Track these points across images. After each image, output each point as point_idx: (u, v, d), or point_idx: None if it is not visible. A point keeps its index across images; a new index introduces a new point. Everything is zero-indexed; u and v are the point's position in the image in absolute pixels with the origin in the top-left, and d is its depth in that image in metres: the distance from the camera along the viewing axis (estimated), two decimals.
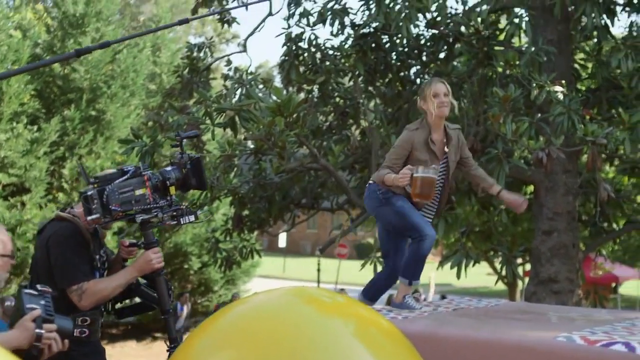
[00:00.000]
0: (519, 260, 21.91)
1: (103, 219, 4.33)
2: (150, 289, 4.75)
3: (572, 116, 8.53)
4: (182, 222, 4.62)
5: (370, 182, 5.75)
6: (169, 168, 4.63)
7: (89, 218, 4.32)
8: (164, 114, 12.15)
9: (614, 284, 28.98)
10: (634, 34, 9.70)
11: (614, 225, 13.58)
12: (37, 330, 3.44)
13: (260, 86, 12.69)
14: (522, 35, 10.50)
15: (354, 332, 3.26)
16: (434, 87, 5.60)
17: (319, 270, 28.21)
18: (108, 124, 19.10)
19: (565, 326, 4.78)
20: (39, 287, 3.65)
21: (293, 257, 52.37)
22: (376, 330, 3.35)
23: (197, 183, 4.66)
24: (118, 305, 4.86)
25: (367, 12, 11.32)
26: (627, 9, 10.89)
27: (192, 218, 4.61)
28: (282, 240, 41.65)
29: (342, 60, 11.12)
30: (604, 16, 10.02)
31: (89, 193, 4.31)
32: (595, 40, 10.93)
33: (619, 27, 61.17)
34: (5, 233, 3.85)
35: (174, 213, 4.57)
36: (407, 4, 10.01)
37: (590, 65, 11.63)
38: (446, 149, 5.58)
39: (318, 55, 11.46)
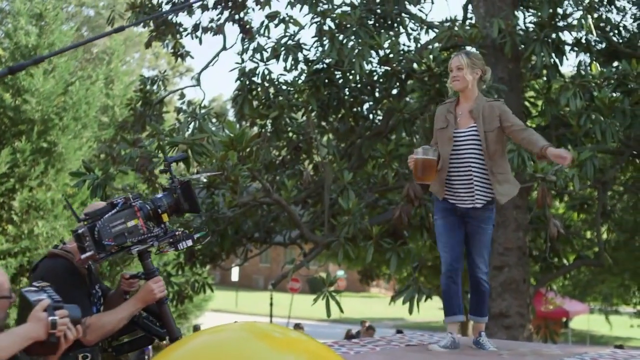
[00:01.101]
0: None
1: (98, 255, 4.24)
2: (152, 322, 4.68)
3: (522, 153, 8.63)
4: (179, 248, 4.55)
5: None
6: (159, 195, 4.57)
7: (83, 256, 4.23)
8: (116, 147, 12.08)
9: (564, 319, 29.20)
10: (582, 73, 9.87)
11: (564, 261, 13.76)
12: (51, 318, 3.40)
13: (214, 120, 12.70)
14: None
15: None
16: (450, 61, 5.69)
17: (271, 304, 28.04)
18: (59, 156, 18.90)
19: None
20: (35, 284, 3.61)
21: (245, 291, 52.03)
22: None
23: (189, 207, 4.59)
24: (115, 343, 4.77)
25: (320, 49, 11.38)
26: (576, 48, 11.10)
27: (189, 242, 4.54)
28: (235, 274, 41.37)
29: (296, 96, 11.16)
30: (553, 55, 10.21)
31: (80, 231, 4.22)
32: (545, 78, 11.11)
33: (568, 66, 62.07)
34: (2, 273, 3.79)
35: (170, 240, 4.50)
36: (360, 40, 10.09)
37: (540, 103, 11.82)
38: (473, 121, 5.55)
39: (271, 90, 11.48)
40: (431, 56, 9.91)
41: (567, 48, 10.95)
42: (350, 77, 11.21)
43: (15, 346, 3.36)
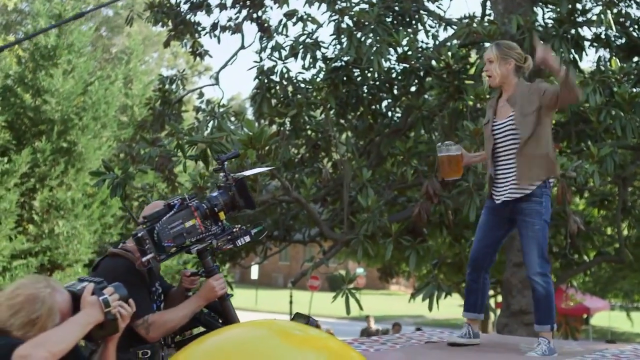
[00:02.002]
0: (491, 292, 22.00)
1: (158, 257, 4.31)
2: (214, 318, 4.72)
3: None
4: (238, 244, 4.59)
5: None
6: (215, 193, 4.58)
7: (144, 259, 4.28)
8: (136, 146, 12.13)
9: (585, 316, 29.07)
10: (602, 68, 9.82)
11: (585, 257, 13.67)
12: (102, 298, 3.45)
13: (232, 119, 12.73)
14: None
15: None
16: (484, 54, 5.60)
17: (291, 302, 28.06)
18: (79, 155, 18.99)
19: (536, 358, 4.80)
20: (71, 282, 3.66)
21: (265, 289, 52.10)
22: None
23: (245, 203, 4.61)
24: (178, 338, 4.81)
25: (338, 46, 11.38)
26: (595, 44, 11.04)
27: (247, 239, 4.57)
28: (255, 272, 41.41)
29: (314, 94, 11.16)
30: (573, 51, 10.16)
31: (140, 234, 4.27)
32: None
33: (587, 61, 61.75)
34: (67, 301, 3.74)
35: (229, 237, 4.53)
36: (378, 38, 10.08)
37: None
38: (512, 109, 5.42)
39: (290, 88, 11.49)
40: (449, 53, 9.90)
41: (587, 44, 10.90)
42: (369, 74, 11.21)
43: (77, 335, 3.38)
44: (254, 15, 13.21)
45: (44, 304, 3.43)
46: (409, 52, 10.37)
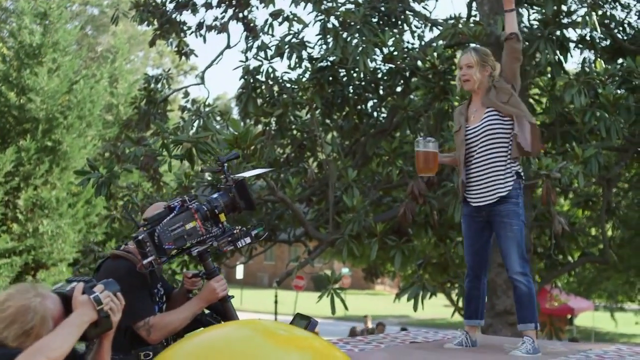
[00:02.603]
0: None
1: (159, 259, 4.28)
2: (215, 319, 4.72)
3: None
4: (238, 246, 4.59)
5: None
6: (215, 195, 4.56)
7: (145, 262, 4.26)
8: (121, 145, 12.11)
9: (569, 316, 29.17)
10: (587, 70, 9.85)
11: (569, 258, 13.73)
12: (93, 295, 3.42)
13: (218, 118, 12.70)
14: None
15: None
16: (460, 57, 5.57)
17: (276, 302, 28.09)
18: (64, 154, 18.94)
19: (520, 358, 4.82)
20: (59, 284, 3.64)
21: (250, 288, 52.05)
22: None
23: (245, 205, 4.60)
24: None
25: (324, 46, 11.38)
26: (580, 45, 11.08)
27: (247, 240, 4.57)
28: (240, 271, 41.38)
29: (300, 94, 11.15)
30: (558, 52, 10.19)
31: (141, 237, 4.25)
32: (549, 75, 11.10)
33: (572, 63, 62.01)
34: (58, 308, 3.71)
35: (229, 238, 4.52)
36: (364, 38, 10.09)
37: (544, 100, 11.80)
38: (486, 109, 5.41)
39: (275, 88, 11.49)
40: (435, 54, 9.91)
41: (572, 45, 10.94)
42: (355, 74, 11.21)
43: (73, 336, 3.36)
44: (240, 15, 13.19)
45: (36, 314, 3.42)
46: (395, 53, 10.38)
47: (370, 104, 12.31)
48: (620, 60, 10.92)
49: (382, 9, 11.46)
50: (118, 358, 4.04)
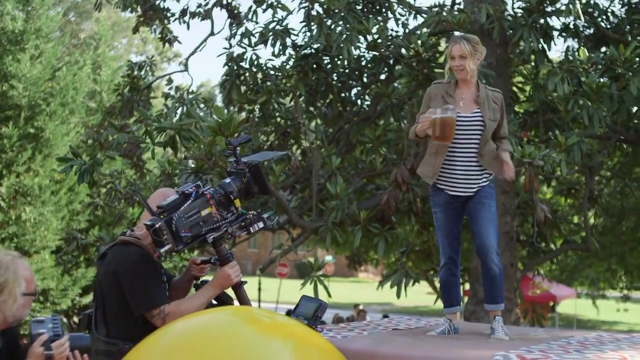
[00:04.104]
0: None
1: (176, 248, 4.22)
2: (226, 304, 4.64)
3: (510, 138, 8.64)
4: (252, 231, 4.55)
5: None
6: (228, 180, 4.50)
7: (162, 250, 4.20)
8: (104, 132, 12.06)
9: (552, 303, 29.34)
10: (570, 58, 9.87)
11: (552, 245, 13.80)
12: (46, 352, 3.47)
13: (202, 105, 12.67)
14: None
15: (293, 351, 3.27)
16: (451, 47, 5.44)
17: (259, 289, 28.06)
18: (47, 141, 18.83)
19: (503, 345, 4.85)
20: (41, 317, 3.63)
21: None
22: (314, 350, 3.36)
23: (259, 190, 4.58)
24: None
25: (308, 34, 11.37)
26: (564, 34, 11.11)
27: (261, 225, 4.54)
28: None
29: (284, 81, 11.14)
30: (541, 41, 10.20)
31: (158, 225, 4.17)
32: (533, 64, 11.12)
33: (556, 51, 62.01)
34: (29, 270, 3.76)
35: (242, 224, 4.49)
36: (348, 25, 10.08)
37: (527, 88, 11.84)
38: (477, 107, 5.40)
39: (259, 75, 11.46)
40: (419, 41, 9.90)
41: (555, 33, 10.96)
42: (339, 62, 11.20)
43: None
44: (224, 2, 13.13)
45: (8, 269, 3.46)
46: (379, 40, 10.37)
47: (354, 91, 12.31)
48: (603, 49, 10.95)
49: None
50: (128, 347, 4.00)
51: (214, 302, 4.60)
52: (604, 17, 11.53)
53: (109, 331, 4.34)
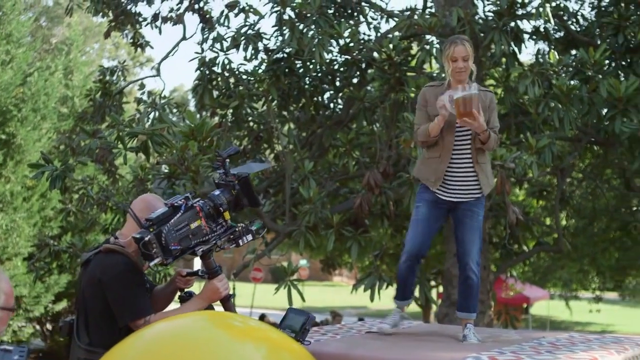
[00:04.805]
0: (432, 283, 22.20)
1: (165, 261, 4.16)
2: None
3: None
4: (240, 244, 4.50)
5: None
6: (217, 192, 4.44)
7: (151, 264, 4.15)
8: (76, 138, 12.00)
9: (525, 305, 29.49)
10: (541, 61, 9.94)
11: (524, 247, 13.88)
12: None
13: (174, 110, 12.64)
14: (433, 61, 10.69)
15: (265, 355, 3.27)
16: (453, 49, 5.25)
17: (234, 294, 28.03)
18: (18, 147, 18.69)
19: (475, 347, 4.88)
20: (9, 347, 3.57)
21: None
22: (287, 354, 3.37)
23: (249, 202, 4.52)
24: None
25: (280, 38, 11.38)
26: (534, 37, 11.18)
27: (249, 237, 4.49)
28: (197, 264, 41.35)
29: (256, 85, 11.14)
30: (512, 44, 10.27)
31: (147, 238, 4.10)
32: (504, 67, 11.18)
33: (527, 54, 62.36)
34: (8, 284, 3.71)
35: (231, 236, 4.44)
36: (320, 29, 10.10)
37: (499, 91, 11.89)
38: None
39: (232, 79, 11.47)
40: (391, 45, 9.93)
41: (526, 36, 11.02)
42: (311, 66, 11.21)
43: None
44: (196, 6, 13.12)
45: None
46: (351, 44, 10.41)
47: (326, 95, 12.32)
48: (573, 52, 11.05)
49: (338, 0, 11.47)
50: None
51: None
52: (574, 20, 11.63)
53: (91, 339, 4.27)
